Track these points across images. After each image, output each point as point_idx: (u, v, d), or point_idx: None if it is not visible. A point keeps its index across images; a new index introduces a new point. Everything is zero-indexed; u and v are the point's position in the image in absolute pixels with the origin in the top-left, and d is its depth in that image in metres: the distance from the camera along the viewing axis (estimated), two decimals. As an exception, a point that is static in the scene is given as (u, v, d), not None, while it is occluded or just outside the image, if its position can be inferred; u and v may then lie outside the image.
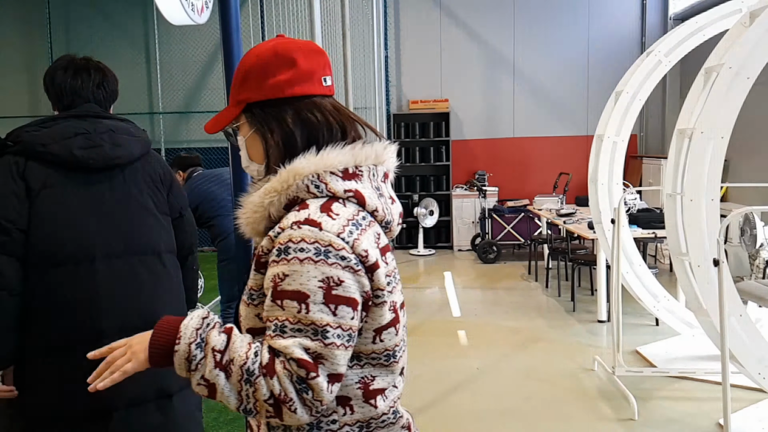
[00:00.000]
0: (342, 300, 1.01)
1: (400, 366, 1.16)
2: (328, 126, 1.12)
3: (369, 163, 1.12)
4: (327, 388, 1.00)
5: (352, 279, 1.02)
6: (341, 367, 1.03)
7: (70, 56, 1.93)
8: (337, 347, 1.01)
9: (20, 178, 1.66)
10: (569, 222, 6.08)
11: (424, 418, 3.50)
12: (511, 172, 8.91)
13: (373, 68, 6.51)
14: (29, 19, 9.29)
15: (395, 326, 1.11)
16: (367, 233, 1.06)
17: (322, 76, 1.15)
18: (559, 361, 4.32)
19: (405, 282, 6.85)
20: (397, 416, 1.15)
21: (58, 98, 1.85)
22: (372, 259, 1.05)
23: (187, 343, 1.04)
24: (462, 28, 8.84)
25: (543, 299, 6.01)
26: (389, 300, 1.09)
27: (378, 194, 1.12)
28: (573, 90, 8.78)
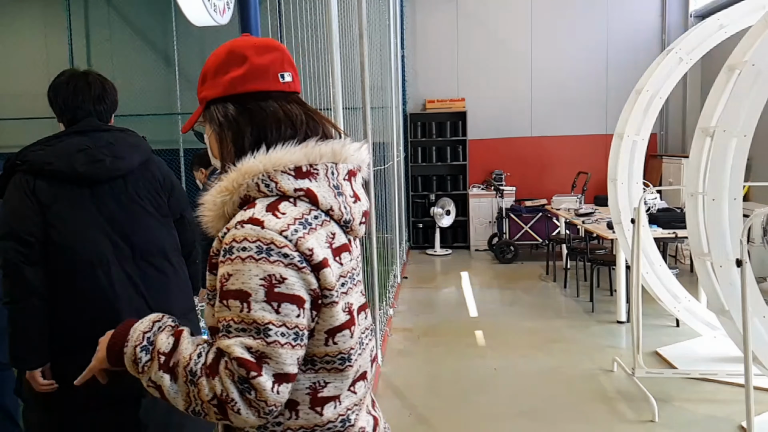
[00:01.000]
0: (285, 297, 0.99)
1: (357, 370, 1.12)
2: (276, 123, 1.11)
3: (325, 161, 1.10)
4: (272, 388, 0.98)
5: (296, 276, 1.00)
6: (289, 367, 1.00)
7: (71, 70, 2.05)
8: (282, 346, 0.98)
9: (32, 195, 1.83)
10: (588, 222, 6.03)
11: (441, 418, 3.49)
12: (528, 172, 8.85)
13: (390, 68, 6.51)
14: (49, 21, 9.42)
15: (350, 329, 1.08)
16: (317, 232, 1.05)
17: (278, 72, 1.13)
18: (577, 362, 4.28)
19: (421, 282, 6.84)
20: (346, 425, 1.11)
21: (62, 112, 1.99)
22: (318, 257, 1.02)
23: (133, 346, 1.07)
24: (479, 27, 8.81)
25: (561, 300, 5.97)
26: (343, 301, 1.07)
27: (336, 193, 1.10)
28: (592, 88, 8.70)
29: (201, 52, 9.03)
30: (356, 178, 1.17)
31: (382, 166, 5.58)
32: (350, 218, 1.11)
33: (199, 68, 1.23)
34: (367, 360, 1.17)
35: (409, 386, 3.96)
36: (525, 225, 8.06)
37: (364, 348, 1.15)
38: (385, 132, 6.05)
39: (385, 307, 5.15)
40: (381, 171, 5.42)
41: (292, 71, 1.16)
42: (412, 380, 4.07)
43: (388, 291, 5.65)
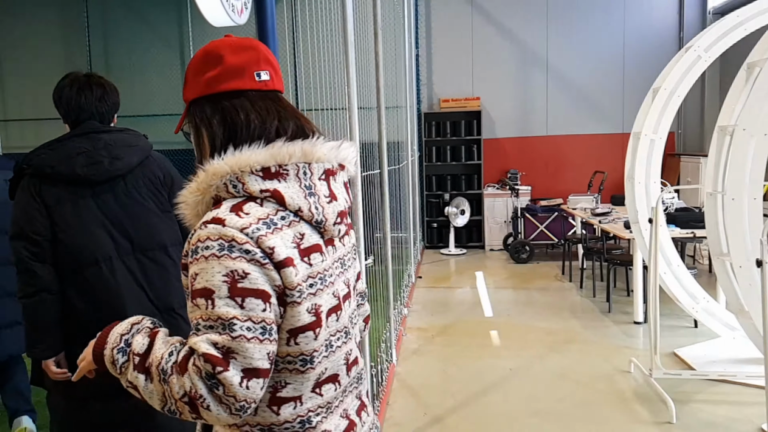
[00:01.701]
0: (249, 292, 1.00)
1: (321, 373, 1.11)
2: (246, 123, 1.10)
3: (295, 161, 1.09)
4: (240, 382, 0.97)
5: (259, 272, 1.01)
6: (258, 362, 0.99)
7: (74, 74, 2.14)
8: (248, 340, 0.98)
9: (38, 197, 1.96)
10: (604, 221, 5.98)
11: (456, 419, 3.49)
12: (544, 171, 8.80)
13: (404, 67, 6.51)
14: (68, 23, 9.54)
15: (314, 330, 1.07)
16: (282, 232, 1.04)
17: (254, 71, 1.13)
18: (593, 363, 4.25)
19: (436, 282, 6.83)
20: (305, 426, 1.10)
21: (66, 113, 2.09)
22: (280, 256, 1.02)
23: (111, 348, 1.11)
24: (494, 25, 8.77)
25: (577, 300, 5.93)
26: (309, 302, 1.06)
27: (307, 193, 1.09)
28: (608, 87, 8.63)
29: (217, 52, 9.08)
30: (336, 177, 1.16)
31: (397, 165, 5.58)
32: (322, 219, 1.10)
33: None
34: (340, 363, 1.15)
35: (424, 386, 3.96)
36: (540, 225, 8.01)
37: (334, 351, 1.13)
38: (399, 131, 6.05)
39: (399, 306, 5.15)
40: (395, 171, 5.42)
41: (270, 69, 1.16)
42: (427, 380, 4.06)
43: (403, 290, 5.65)
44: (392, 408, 3.63)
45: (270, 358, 1.02)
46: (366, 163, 3.68)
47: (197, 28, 9.12)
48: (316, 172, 1.11)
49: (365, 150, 3.67)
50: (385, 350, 4.06)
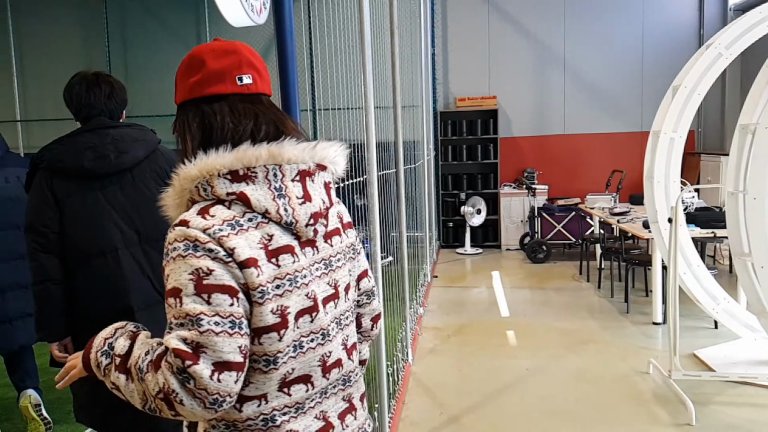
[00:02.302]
0: (215, 288, 1.02)
1: (287, 373, 1.11)
2: (221, 127, 1.12)
3: (262, 164, 1.09)
4: (210, 375, 0.99)
5: (223, 269, 1.03)
6: (228, 355, 1.01)
7: (83, 72, 2.24)
8: (216, 334, 1.00)
9: (49, 190, 2.07)
10: (623, 221, 5.92)
11: (473, 418, 3.47)
12: (561, 170, 8.74)
13: (420, 66, 6.49)
14: (88, 24, 9.66)
15: (279, 332, 1.07)
16: (247, 233, 1.06)
17: (236, 75, 1.15)
18: (611, 364, 4.21)
19: (451, 281, 6.81)
20: (269, 425, 1.11)
21: (77, 111, 2.20)
22: (241, 256, 1.04)
23: (95, 351, 1.16)
24: (510, 24, 8.73)
25: (595, 300, 5.88)
26: (275, 303, 1.07)
27: (276, 195, 1.09)
28: (627, 85, 8.54)
29: (234, 52, 9.15)
30: (314, 177, 1.15)
31: (413, 164, 5.57)
32: (293, 220, 1.10)
33: None
34: (313, 364, 1.14)
35: (440, 385, 3.95)
36: (558, 224, 7.95)
37: (305, 352, 1.12)
38: (415, 130, 6.04)
39: (415, 305, 5.15)
40: (411, 170, 5.41)
41: (254, 73, 1.17)
42: (443, 379, 4.05)
43: (418, 290, 5.64)
44: (408, 407, 3.63)
45: (242, 352, 1.03)
46: (382, 163, 3.68)
47: (214, 29, 9.19)
48: (288, 174, 1.11)
49: (381, 149, 3.67)
50: (401, 349, 4.06)
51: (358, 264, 1.32)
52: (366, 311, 1.36)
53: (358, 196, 2.92)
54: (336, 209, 1.25)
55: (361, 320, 1.36)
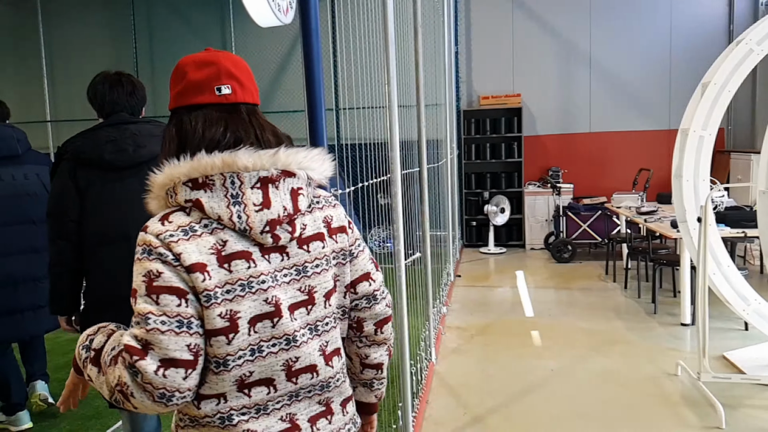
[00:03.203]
0: (163, 289, 1.08)
1: (242, 375, 1.14)
2: (192, 135, 1.16)
3: (218, 172, 1.12)
4: (156, 371, 1.05)
5: (172, 272, 1.09)
6: (175, 353, 1.06)
7: (105, 72, 2.38)
8: (162, 333, 1.06)
9: (72, 180, 2.21)
10: (650, 220, 5.83)
11: (497, 419, 3.45)
12: (587, 169, 8.64)
13: (444, 64, 6.47)
14: (116, 26, 9.82)
15: (227, 335, 1.11)
16: (200, 239, 1.11)
17: (215, 86, 1.18)
18: (638, 365, 4.15)
19: (475, 281, 6.78)
20: (225, 423, 1.15)
21: (100, 108, 2.35)
22: (188, 261, 1.09)
23: (78, 346, 1.23)
24: (535, 20, 8.65)
25: (621, 300, 5.79)
26: (223, 308, 1.10)
27: (231, 202, 1.12)
28: (654, 82, 8.40)
29: (258, 52, 9.23)
30: (278, 184, 1.16)
31: (436, 163, 5.56)
32: (246, 227, 1.12)
33: (254, 69, 1.26)
34: (276, 369, 1.16)
35: (464, 385, 3.93)
36: (583, 223, 7.86)
37: (264, 357, 1.15)
38: (438, 129, 6.02)
39: (438, 305, 5.13)
40: (434, 169, 5.40)
41: (233, 83, 1.20)
42: (467, 379, 4.03)
43: (442, 289, 5.63)
44: (432, 407, 3.62)
45: (192, 350, 1.08)
46: (405, 162, 3.68)
47: (239, 29, 9.28)
48: (247, 181, 1.13)
49: (405, 148, 3.67)
50: (425, 349, 4.05)
51: (354, 268, 1.31)
52: (367, 315, 1.34)
53: (381, 195, 2.92)
54: (323, 214, 1.25)
55: (363, 325, 1.34)
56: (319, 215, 1.24)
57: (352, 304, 1.33)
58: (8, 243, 3.14)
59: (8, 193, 3.15)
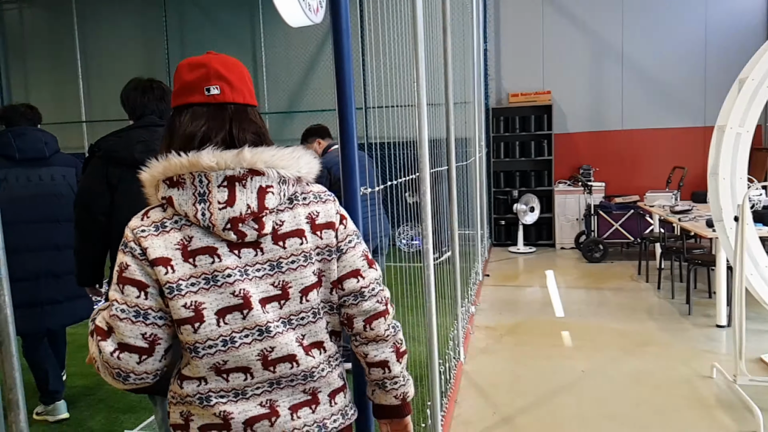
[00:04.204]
0: (127, 281, 1.19)
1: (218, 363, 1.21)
2: (177, 132, 1.23)
3: (186, 171, 1.18)
4: (112, 353, 1.19)
5: (136, 265, 1.19)
6: (130, 339, 1.18)
7: (138, 78, 2.54)
8: (120, 320, 1.18)
9: (103, 176, 2.32)
10: (685, 219, 5.70)
11: (527, 419, 3.42)
12: (619, 167, 8.49)
13: (472, 62, 6.42)
14: (148, 28, 10.00)
15: (193, 324, 1.19)
16: (168, 235, 1.20)
17: (204, 87, 1.24)
18: (672, 367, 4.06)
19: (504, 280, 6.72)
20: (203, 404, 1.23)
21: (132, 111, 2.50)
22: (152, 255, 1.18)
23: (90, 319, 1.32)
24: (565, 16, 8.53)
25: (654, 301, 5.69)
26: (188, 299, 1.18)
27: (198, 200, 1.18)
28: (689, 78, 8.21)
29: (286, 53, 9.30)
30: (245, 182, 1.19)
31: (464, 162, 5.52)
32: (209, 224, 1.18)
33: (283, 69, 1.29)
34: (250, 358, 1.22)
35: (493, 385, 3.90)
36: (615, 222, 7.73)
37: (237, 347, 1.21)
38: (467, 127, 5.99)
39: (467, 304, 5.10)
40: (463, 167, 5.37)
41: (223, 84, 1.25)
42: (496, 379, 4.00)
43: (470, 288, 5.59)
44: (460, 406, 3.60)
45: (147, 338, 1.19)
46: (434, 160, 3.66)
47: (268, 30, 9.35)
48: (214, 180, 1.19)
49: (433, 146, 3.65)
50: (453, 348, 4.04)
51: (342, 264, 1.31)
52: (355, 312, 1.33)
53: (409, 194, 2.92)
54: (307, 210, 1.27)
55: (353, 321, 1.34)
56: (302, 211, 1.26)
57: (341, 301, 1.33)
58: (33, 240, 3.31)
59: (35, 192, 3.33)
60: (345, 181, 1.73)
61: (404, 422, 1.46)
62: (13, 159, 3.30)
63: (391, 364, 1.37)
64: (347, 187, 1.73)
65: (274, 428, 1.25)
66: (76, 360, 4.46)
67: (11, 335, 1.34)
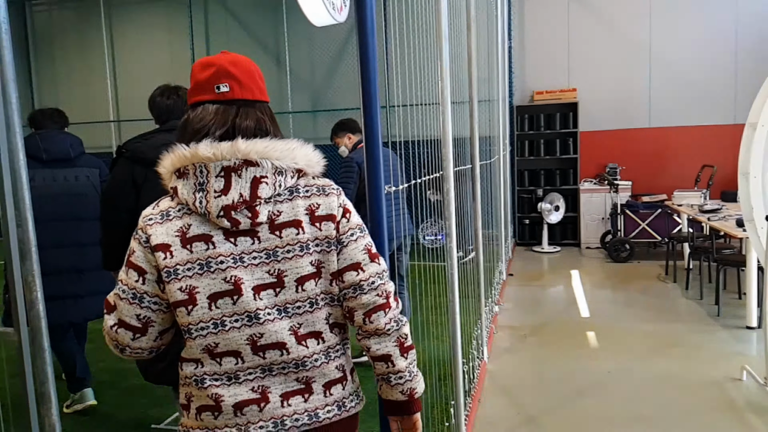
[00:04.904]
0: (132, 265, 1.31)
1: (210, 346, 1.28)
2: (188, 130, 1.31)
3: (189, 163, 1.27)
4: (112, 326, 1.33)
5: (141, 251, 1.30)
6: (126, 318, 1.31)
7: (165, 85, 2.70)
8: (121, 299, 1.32)
9: (129, 175, 2.43)
10: (714, 219, 5.59)
11: (551, 420, 3.39)
12: (646, 165, 8.36)
13: (497, 59, 6.38)
14: (174, 28, 10.13)
15: (186, 307, 1.27)
16: (171, 223, 1.29)
17: (215, 85, 1.31)
18: (700, 369, 3.99)
19: (528, 280, 6.67)
20: (198, 385, 1.30)
21: (158, 116, 2.66)
22: (154, 242, 1.28)
23: None
24: (592, 12, 8.42)
25: (682, 302, 5.59)
26: (183, 283, 1.26)
27: (197, 189, 1.27)
28: (719, 75, 8.05)
29: (309, 53, 9.34)
30: (240, 172, 1.25)
31: (488, 160, 5.49)
32: (205, 212, 1.26)
33: (307, 68, 1.31)
34: (240, 342, 1.28)
35: (517, 385, 3.88)
36: (642, 222, 7.61)
37: (227, 330, 1.27)
38: (491, 125, 5.95)
39: (490, 303, 5.07)
40: (487, 165, 5.33)
41: (231, 82, 1.32)
42: (520, 379, 3.97)
43: (494, 287, 5.56)
44: (484, 406, 3.58)
45: (141, 320, 1.31)
46: (458, 159, 3.65)
47: (292, 29, 9.41)
48: (212, 170, 1.26)
49: (457, 145, 3.64)
50: (477, 347, 4.02)
51: (342, 257, 1.33)
52: (355, 305, 1.35)
53: (432, 192, 2.90)
54: (308, 202, 1.31)
55: (353, 314, 1.36)
56: (302, 203, 1.30)
57: (342, 293, 1.35)
58: (59, 237, 3.45)
59: (61, 192, 3.48)
60: (370, 179, 1.73)
61: (413, 419, 1.45)
62: (40, 160, 3.46)
63: (395, 358, 1.38)
64: (372, 185, 1.73)
65: (263, 413, 1.29)
66: (104, 355, 4.54)
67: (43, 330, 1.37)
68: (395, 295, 1.40)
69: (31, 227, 1.36)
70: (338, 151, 4.28)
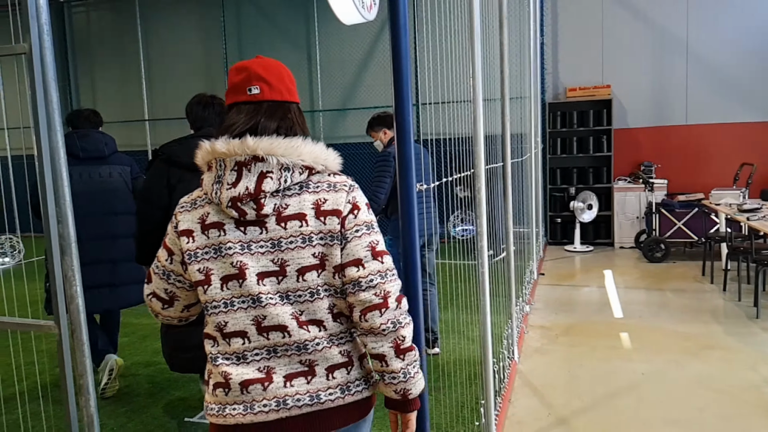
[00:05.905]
0: (165, 245, 1.48)
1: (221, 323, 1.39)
2: (221, 128, 1.41)
3: (211, 158, 1.39)
4: (148, 295, 1.54)
5: (172, 234, 1.45)
6: (158, 290, 1.51)
7: (202, 94, 2.90)
8: (154, 273, 1.51)
9: (165, 176, 2.61)
10: (753, 218, 5.44)
11: (583, 421, 3.34)
12: (682, 163, 8.18)
13: (528, 56, 6.31)
14: (207, 27, 10.26)
15: (203, 286, 1.39)
16: (196, 211, 1.42)
17: (247, 87, 1.42)
18: (738, 371, 3.89)
19: (559, 279, 6.58)
20: (213, 363, 1.41)
21: (193, 122, 2.87)
22: (181, 227, 1.42)
23: None
24: (626, 8, 8.26)
25: (719, 303, 5.45)
26: (201, 264, 1.39)
27: (215, 181, 1.38)
28: (758, 70, 7.82)
29: (340, 51, 9.37)
30: (250, 167, 1.35)
31: (519, 158, 5.43)
32: (219, 202, 1.37)
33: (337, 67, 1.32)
34: (246, 323, 1.37)
35: (547, 385, 3.83)
36: (678, 221, 7.45)
37: (235, 310, 1.37)
38: (522, 123, 5.88)
39: (521, 303, 5.02)
40: (518, 163, 5.28)
41: (262, 84, 1.42)
42: (551, 379, 3.93)
43: (524, 287, 5.51)
44: (514, 406, 3.55)
45: (168, 293, 1.50)
46: (489, 156, 3.62)
47: (323, 28, 9.45)
48: (229, 165, 1.36)
49: (489, 143, 3.61)
50: (507, 347, 3.98)
51: (345, 252, 1.37)
52: (354, 301, 1.37)
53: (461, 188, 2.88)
54: (315, 197, 1.37)
55: (353, 310, 1.38)
56: (309, 198, 1.37)
57: (344, 287, 1.39)
58: (94, 230, 3.66)
59: (96, 188, 3.71)
60: (401, 177, 1.73)
61: (406, 417, 1.48)
62: (77, 157, 3.70)
63: (389, 359, 1.39)
64: (403, 183, 1.73)
65: (267, 392, 1.36)
66: (140, 349, 4.64)
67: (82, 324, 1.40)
68: (399, 295, 1.40)
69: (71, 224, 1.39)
70: (374, 144, 4.29)
